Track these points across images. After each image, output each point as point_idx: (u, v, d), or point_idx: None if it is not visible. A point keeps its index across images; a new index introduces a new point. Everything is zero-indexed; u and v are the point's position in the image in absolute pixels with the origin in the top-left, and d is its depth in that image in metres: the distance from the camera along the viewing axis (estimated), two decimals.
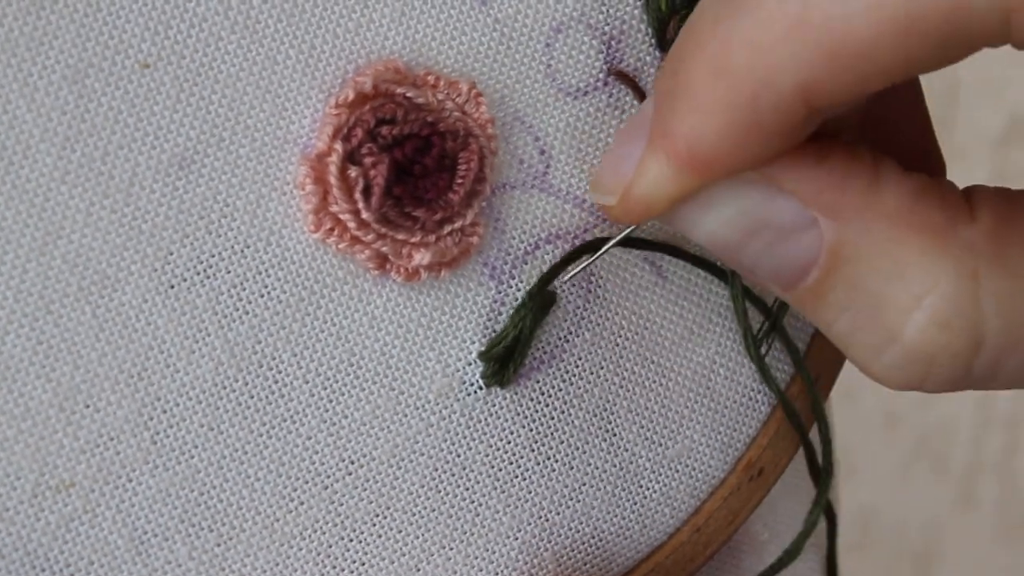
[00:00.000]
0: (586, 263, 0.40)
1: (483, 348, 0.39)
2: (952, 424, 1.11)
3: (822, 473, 0.43)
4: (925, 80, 0.39)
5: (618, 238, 0.40)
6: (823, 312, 0.36)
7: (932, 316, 0.34)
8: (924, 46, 0.32)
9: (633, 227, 0.39)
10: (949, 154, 0.41)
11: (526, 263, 0.40)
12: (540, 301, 0.39)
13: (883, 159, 0.36)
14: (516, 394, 0.40)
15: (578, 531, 0.41)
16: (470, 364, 0.39)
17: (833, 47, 0.32)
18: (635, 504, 0.41)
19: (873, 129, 0.40)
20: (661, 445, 0.41)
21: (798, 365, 0.42)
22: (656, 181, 0.35)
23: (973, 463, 1.11)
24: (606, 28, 0.40)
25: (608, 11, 0.40)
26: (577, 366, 0.40)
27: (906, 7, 0.31)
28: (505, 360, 0.39)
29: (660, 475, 0.42)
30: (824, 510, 0.45)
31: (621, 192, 0.36)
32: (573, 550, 0.41)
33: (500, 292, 0.39)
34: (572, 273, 0.40)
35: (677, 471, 0.42)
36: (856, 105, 0.37)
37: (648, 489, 0.41)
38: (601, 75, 0.40)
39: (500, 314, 0.39)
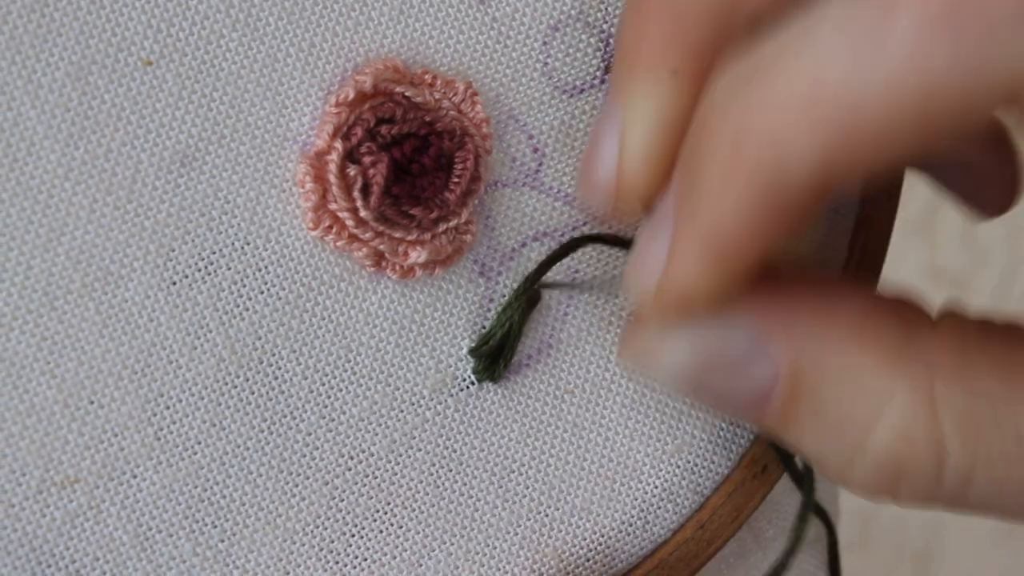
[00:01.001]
0: (572, 284, 0.40)
1: (473, 344, 0.39)
2: None
3: (804, 487, 0.43)
4: None
5: (592, 234, 0.40)
6: (790, 433, 0.36)
7: (893, 429, 0.34)
8: (944, 126, 0.30)
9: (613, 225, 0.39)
10: None
11: (512, 260, 0.40)
12: (527, 298, 0.39)
13: (832, 281, 0.36)
14: (508, 389, 0.40)
15: (578, 526, 0.41)
16: (462, 360, 0.39)
17: (847, 130, 0.30)
18: (635, 499, 0.41)
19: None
20: (659, 440, 0.41)
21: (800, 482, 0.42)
22: (688, 274, 0.33)
23: None
24: (604, 26, 0.40)
25: (607, 9, 0.40)
26: (565, 361, 0.40)
27: (920, 89, 0.30)
28: (495, 356, 0.39)
29: (660, 470, 0.41)
30: (820, 515, 0.44)
31: (654, 290, 0.34)
32: (575, 545, 0.41)
33: (489, 289, 0.39)
34: (559, 284, 0.40)
35: (677, 466, 0.42)
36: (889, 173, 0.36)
37: (648, 484, 0.41)
38: (599, 73, 0.40)
39: (489, 310, 0.39)
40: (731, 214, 0.32)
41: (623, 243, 0.41)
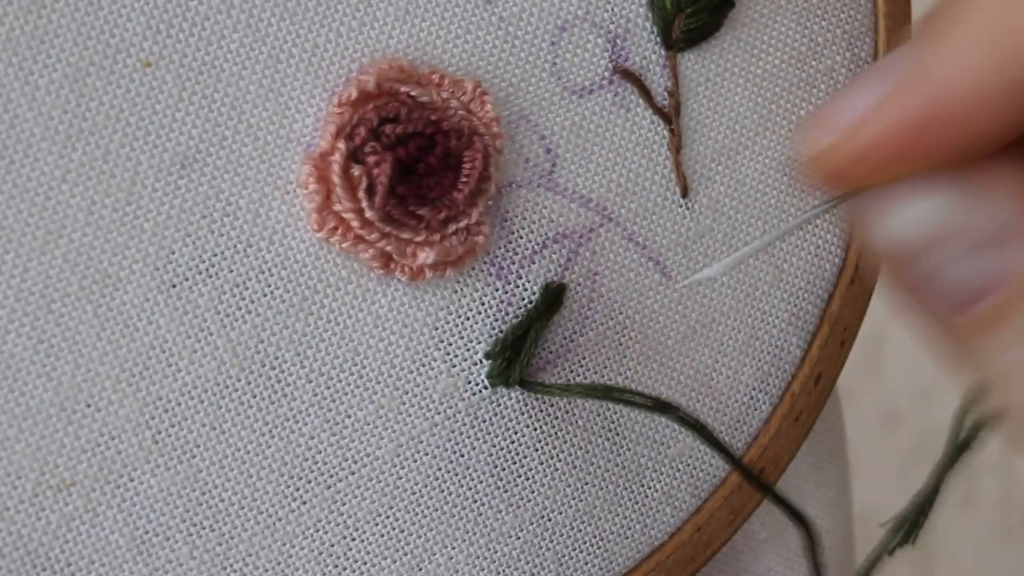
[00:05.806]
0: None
1: (489, 348, 0.39)
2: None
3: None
4: None
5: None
6: (987, 344, 0.31)
7: None
8: None
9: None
10: None
11: (533, 263, 0.40)
12: (547, 303, 0.39)
13: None
14: (522, 394, 0.40)
15: (580, 530, 0.41)
16: (476, 364, 0.39)
17: None
18: (637, 503, 0.41)
19: None
20: (663, 444, 0.41)
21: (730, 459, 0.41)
22: (892, 127, 0.30)
23: (973, 464, 1.11)
24: (611, 26, 0.40)
25: (613, 9, 0.40)
26: (581, 366, 0.40)
27: None
28: (512, 360, 0.39)
29: (662, 474, 0.42)
30: (801, 521, 0.43)
31: (843, 135, 0.30)
32: (575, 549, 0.41)
33: (507, 292, 0.39)
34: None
35: (678, 470, 0.42)
36: None
37: (650, 488, 0.41)
38: (606, 73, 0.40)
39: (507, 314, 0.39)
40: (969, 76, 0.29)
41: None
